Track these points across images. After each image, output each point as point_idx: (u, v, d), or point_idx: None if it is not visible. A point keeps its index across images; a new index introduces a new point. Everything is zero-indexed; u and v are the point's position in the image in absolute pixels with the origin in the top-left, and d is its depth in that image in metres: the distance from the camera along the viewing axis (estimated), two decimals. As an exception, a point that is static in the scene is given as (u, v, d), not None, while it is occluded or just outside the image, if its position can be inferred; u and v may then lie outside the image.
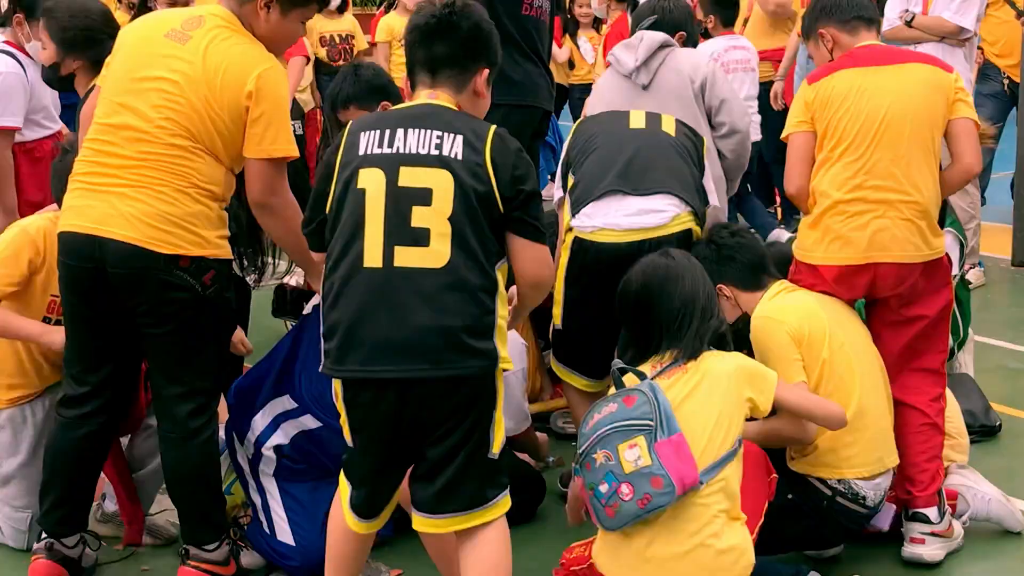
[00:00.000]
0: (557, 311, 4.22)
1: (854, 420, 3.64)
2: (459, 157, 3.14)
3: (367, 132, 3.20)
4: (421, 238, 3.07)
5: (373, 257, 3.08)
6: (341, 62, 9.22)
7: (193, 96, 3.49)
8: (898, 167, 3.81)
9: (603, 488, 3.20)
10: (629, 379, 3.35)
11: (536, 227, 3.19)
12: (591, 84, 9.07)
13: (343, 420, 3.21)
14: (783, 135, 4.06)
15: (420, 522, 3.20)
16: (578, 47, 9.88)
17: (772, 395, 3.38)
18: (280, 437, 3.90)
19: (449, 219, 3.09)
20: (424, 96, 3.28)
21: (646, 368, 3.37)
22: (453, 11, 3.25)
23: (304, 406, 3.90)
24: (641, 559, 3.24)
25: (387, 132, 3.17)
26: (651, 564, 3.23)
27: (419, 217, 3.08)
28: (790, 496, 3.68)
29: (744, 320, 3.84)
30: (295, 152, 3.60)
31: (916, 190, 3.82)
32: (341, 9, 9.37)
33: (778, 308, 3.78)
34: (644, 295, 3.45)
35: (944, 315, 3.96)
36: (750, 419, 3.42)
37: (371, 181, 3.12)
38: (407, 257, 3.06)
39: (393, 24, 8.91)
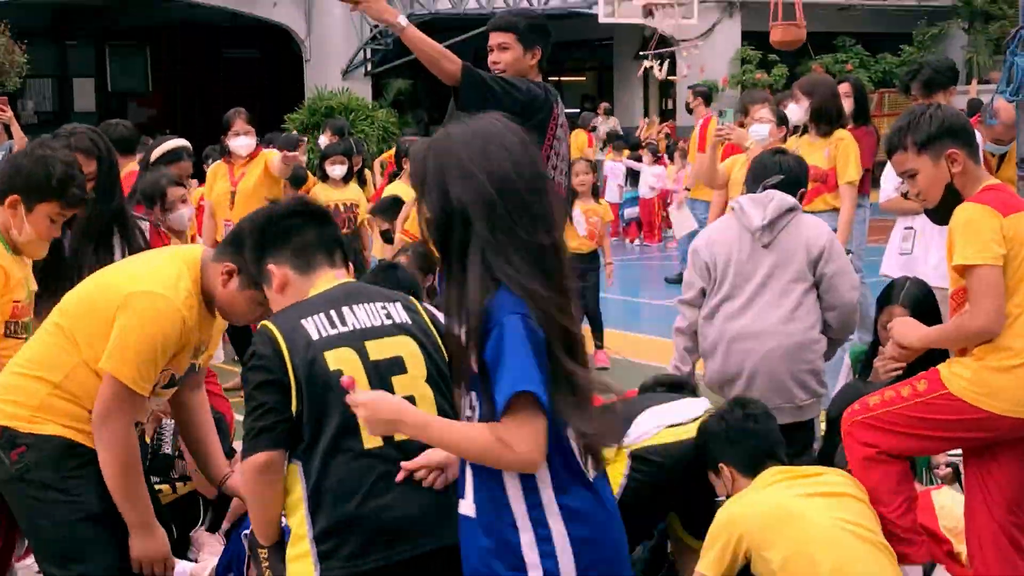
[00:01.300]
0: None
1: None
2: (409, 322, 3.10)
3: (307, 318, 3.02)
4: None
5: (372, 438, 2.93)
6: (345, 230, 9.47)
7: (94, 281, 3.55)
8: None
9: None
10: None
11: None
12: (583, 254, 9.38)
13: None
14: (968, 262, 3.71)
15: None
16: (571, 218, 10.13)
17: None
18: None
19: (426, 381, 3.04)
20: (333, 277, 3.18)
21: None
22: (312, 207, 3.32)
23: None
24: None
25: (332, 312, 3.04)
26: None
27: (401, 387, 2.99)
28: None
29: None
30: (125, 378, 3.33)
31: None
32: (346, 179, 9.68)
33: (745, 502, 3.80)
34: None
35: None
36: None
37: (343, 361, 2.97)
38: None
39: (400, 192, 9.21)
